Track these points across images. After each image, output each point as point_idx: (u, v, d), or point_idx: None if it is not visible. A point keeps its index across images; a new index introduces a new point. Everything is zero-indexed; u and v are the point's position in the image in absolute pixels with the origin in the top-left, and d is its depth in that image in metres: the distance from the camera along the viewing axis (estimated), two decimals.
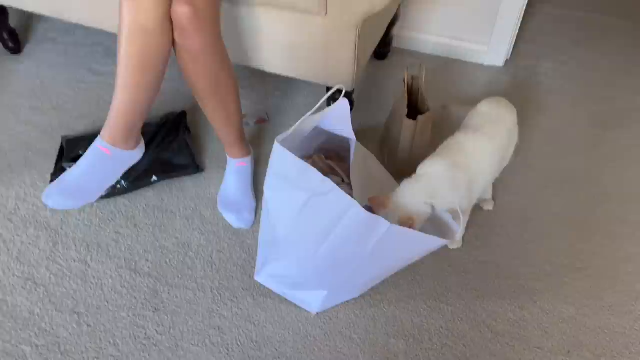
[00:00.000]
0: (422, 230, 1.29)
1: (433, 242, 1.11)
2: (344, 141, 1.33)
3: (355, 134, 1.24)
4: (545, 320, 1.30)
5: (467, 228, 1.47)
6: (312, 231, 1.13)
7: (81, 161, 1.25)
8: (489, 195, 1.53)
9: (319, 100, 1.62)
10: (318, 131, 1.35)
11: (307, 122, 1.24)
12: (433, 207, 1.18)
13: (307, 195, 1.08)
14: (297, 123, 1.17)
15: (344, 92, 1.22)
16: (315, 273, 1.23)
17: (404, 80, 1.52)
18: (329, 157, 1.49)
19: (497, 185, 1.55)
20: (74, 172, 1.25)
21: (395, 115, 1.57)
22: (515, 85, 1.98)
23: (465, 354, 1.23)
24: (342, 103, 1.24)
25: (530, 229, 1.49)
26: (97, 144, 1.26)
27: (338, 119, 1.28)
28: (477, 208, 1.51)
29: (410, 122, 1.46)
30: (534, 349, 1.25)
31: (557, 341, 1.26)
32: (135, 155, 1.32)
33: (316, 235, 1.12)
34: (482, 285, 1.36)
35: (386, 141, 1.66)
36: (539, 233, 1.48)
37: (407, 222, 1.11)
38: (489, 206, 1.52)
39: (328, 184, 1.04)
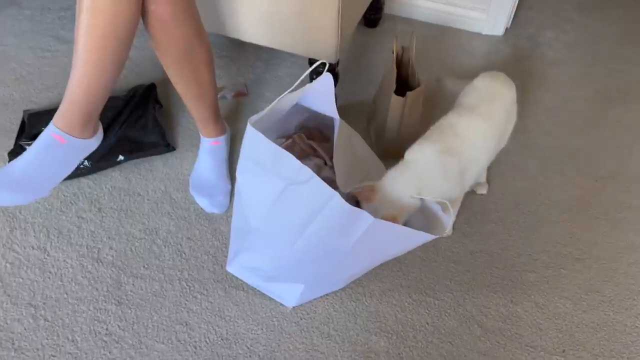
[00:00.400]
0: (410, 221, 1.19)
1: (421, 238, 1.01)
2: (328, 119, 1.21)
3: (342, 109, 1.11)
4: (540, 316, 1.20)
5: (458, 214, 1.36)
6: (289, 223, 1.02)
7: (30, 150, 1.09)
8: (483, 179, 1.41)
9: (303, 72, 1.49)
10: (299, 108, 1.23)
11: (286, 100, 1.12)
12: (422, 199, 1.07)
13: (283, 184, 0.97)
14: (273, 103, 1.04)
15: (327, 66, 1.09)
16: (292, 267, 1.12)
17: (392, 52, 1.38)
18: (310, 137, 1.37)
19: (492, 167, 1.43)
20: (21, 162, 1.08)
21: (383, 90, 1.44)
22: (516, 56, 1.84)
23: (452, 353, 1.14)
24: (325, 78, 1.11)
25: (527, 215, 1.38)
26: (50, 131, 1.10)
27: (320, 96, 1.16)
28: (470, 192, 1.40)
29: (398, 99, 1.33)
30: (527, 347, 1.15)
31: (552, 339, 1.17)
32: (92, 144, 1.19)
33: (293, 227, 1.02)
34: (472, 277, 1.26)
35: (374, 118, 1.54)
36: (536, 219, 1.37)
37: (390, 220, 1.00)
38: (482, 190, 1.41)
39: (306, 172, 0.93)
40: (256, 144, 0.98)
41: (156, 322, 1.17)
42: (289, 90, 1.04)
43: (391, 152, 1.45)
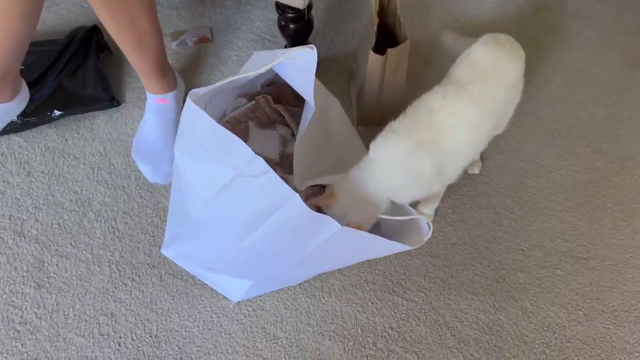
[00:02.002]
0: (383, 222, 1.00)
1: (394, 247, 0.84)
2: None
3: (321, 63, 0.87)
4: (525, 326, 1.02)
5: (442, 197, 1.15)
6: (235, 218, 0.84)
7: None
8: (476, 156, 1.19)
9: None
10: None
11: (252, 66, 0.90)
12: (393, 203, 0.87)
13: (231, 174, 0.78)
14: (225, 81, 0.83)
15: (315, 50, 0.85)
16: (238, 264, 0.95)
17: None
18: (280, 98, 1.15)
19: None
20: None
21: (363, 45, 1.20)
22: (532, 5, 1.55)
23: None
24: (309, 53, 0.87)
25: (524, 202, 1.17)
26: None
27: (298, 72, 0.93)
28: None
29: (377, 57, 1.09)
30: None
31: (537, 355, 0.99)
32: (12, 108, 0.99)
33: (240, 224, 0.84)
34: (450, 275, 1.08)
35: (354, 77, 1.31)
36: (535, 207, 1.16)
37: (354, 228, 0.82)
38: (474, 169, 1.20)
39: (260, 164, 0.74)
40: (197, 122, 0.78)
41: (78, 312, 1.02)
42: (235, 77, 0.83)
43: (371, 119, 1.24)
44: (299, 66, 0.89)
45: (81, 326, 1.00)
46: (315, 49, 0.85)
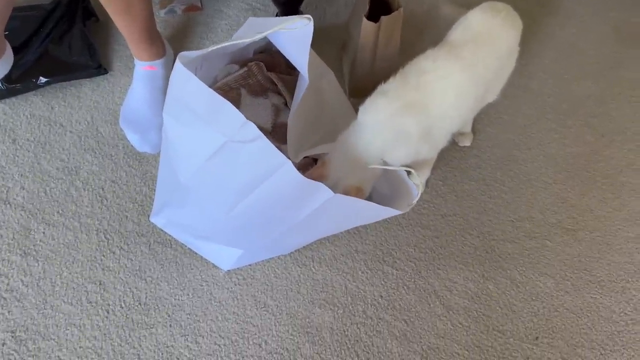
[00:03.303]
0: (374, 187, 0.99)
1: (385, 212, 0.84)
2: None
3: (314, 35, 0.86)
4: (514, 295, 1.03)
5: (434, 169, 1.15)
6: (226, 185, 0.83)
7: None
8: (467, 129, 1.19)
9: None
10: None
11: (246, 33, 0.89)
12: (385, 163, 0.86)
13: (222, 140, 0.77)
14: (219, 46, 0.81)
15: (312, 21, 0.84)
16: (229, 232, 0.94)
17: None
18: (272, 66, 1.14)
19: (479, 113, 1.20)
20: None
21: (356, 13, 1.19)
22: None
23: (405, 334, 0.98)
24: (306, 24, 0.86)
25: (514, 174, 1.17)
26: None
27: (293, 42, 0.91)
28: (450, 143, 1.18)
29: (370, 24, 1.08)
30: (494, 331, 0.99)
31: (525, 323, 1.00)
32: None
33: (231, 191, 0.83)
34: (440, 245, 1.08)
35: (346, 47, 1.29)
36: (524, 179, 1.17)
37: (353, 192, 0.81)
38: (465, 142, 1.19)
39: (251, 129, 0.73)
40: (187, 85, 0.76)
41: (66, 279, 1.01)
42: (227, 43, 0.81)
43: (364, 89, 1.22)
44: (294, 37, 0.88)
45: (69, 294, 0.99)
46: (312, 20, 0.83)
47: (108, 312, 0.98)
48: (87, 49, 1.23)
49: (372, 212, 0.84)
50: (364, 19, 1.07)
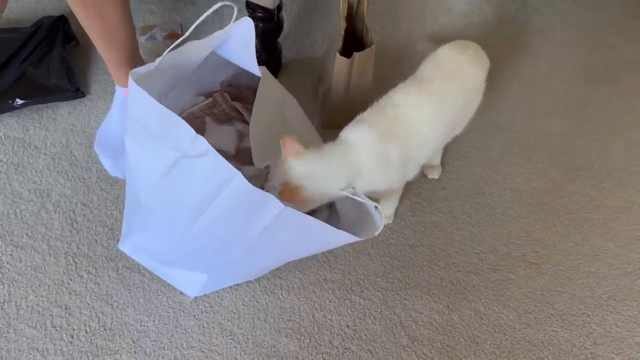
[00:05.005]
0: (341, 211, 1.01)
1: (343, 238, 0.85)
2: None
3: (289, 65, 0.89)
4: (478, 327, 1.05)
5: (403, 199, 1.18)
6: (182, 203, 0.84)
7: None
8: (436, 161, 1.22)
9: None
10: (222, 61, 1.02)
11: (192, 49, 0.91)
12: (354, 192, 0.88)
13: (175, 156, 0.79)
14: (164, 53, 0.84)
15: (250, 19, 0.87)
16: (190, 254, 0.95)
17: (340, 0, 1.15)
18: (239, 97, 1.16)
19: (448, 147, 1.24)
20: None
21: (332, 48, 1.22)
22: (499, 18, 1.61)
23: None
24: (244, 23, 0.90)
25: (480, 207, 1.21)
26: None
27: (239, 46, 0.95)
28: (419, 175, 1.21)
29: (343, 60, 1.11)
30: None
31: (488, 355, 1.02)
32: None
33: (187, 209, 0.84)
34: (407, 275, 1.10)
35: (322, 81, 1.32)
36: (491, 213, 1.20)
37: (286, 192, 0.83)
38: (434, 174, 1.22)
39: (201, 143, 0.74)
40: (140, 103, 0.78)
41: (31, 303, 1.00)
42: (184, 37, 0.83)
43: (337, 121, 1.25)
44: (238, 42, 0.91)
45: (33, 317, 0.99)
46: (250, 19, 0.86)
47: (72, 337, 0.97)
48: (65, 72, 1.24)
49: (330, 236, 0.84)
50: (337, 55, 1.11)
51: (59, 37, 1.27)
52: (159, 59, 0.83)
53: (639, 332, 1.06)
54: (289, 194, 0.84)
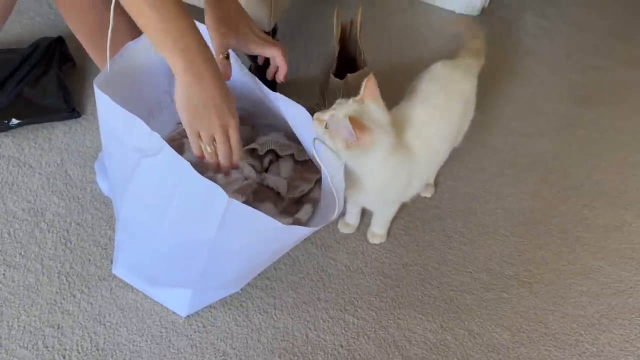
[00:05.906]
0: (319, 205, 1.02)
1: (296, 232, 0.86)
2: (258, 96, 1.01)
3: (288, 85, 0.89)
4: (471, 347, 1.05)
5: (396, 219, 1.19)
6: (148, 206, 0.86)
7: None
8: (430, 180, 1.24)
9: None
10: None
11: (134, 51, 0.90)
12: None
13: (137, 156, 0.80)
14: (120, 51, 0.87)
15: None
16: (166, 265, 0.97)
17: (334, 25, 1.17)
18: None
19: (441, 166, 1.25)
20: None
21: (325, 70, 1.25)
22: (489, 41, 1.63)
23: None
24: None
25: (473, 226, 1.21)
26: None
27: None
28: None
29: (337, 81, 1.13)
30: None
31: None
32: None
33: (153, 212, 0.86)
34: (400, 294, 1.10)
35: (320, 100, 1.34)
36: (483, 232, 1.21)
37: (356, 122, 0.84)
38: (427, 193, 1.24)
39: (156, 139, 0.75)
40: (105, 108, 0.81)
41: (23, 323, 0.99)
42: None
43: None
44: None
45: (25, 338, 0.98)
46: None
47: (64, 357, 0.96)
48: (61, 93, 1.25)
49: (284, 232, 0.82)
50: (331, 76, 1.13)
51: (55, 58, 1.28)
52: (117, 56, 0.85)
53: (631, 350, 1.06)
54: (359, 124, 0.84)
